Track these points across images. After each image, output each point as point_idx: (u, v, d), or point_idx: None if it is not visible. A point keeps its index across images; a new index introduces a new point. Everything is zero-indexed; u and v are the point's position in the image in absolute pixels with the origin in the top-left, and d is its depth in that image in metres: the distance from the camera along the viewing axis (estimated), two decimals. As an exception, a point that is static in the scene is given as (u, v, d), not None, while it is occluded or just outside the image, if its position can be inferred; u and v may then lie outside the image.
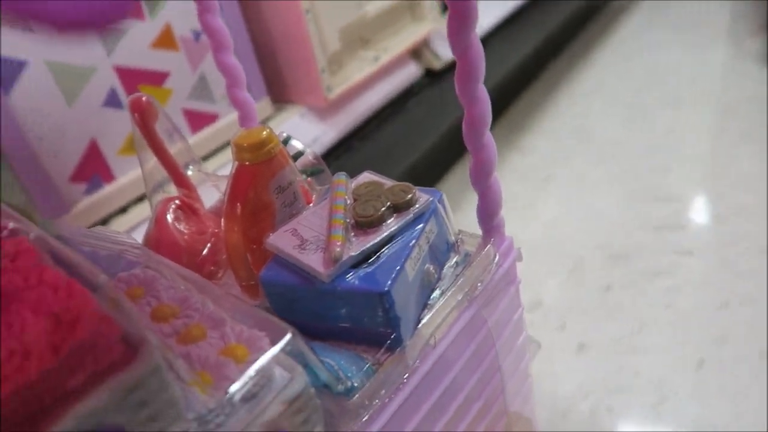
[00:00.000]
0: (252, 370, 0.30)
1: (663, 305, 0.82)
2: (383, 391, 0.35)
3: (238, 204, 0.42)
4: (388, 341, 0.36)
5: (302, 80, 0.82)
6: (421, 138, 1.01)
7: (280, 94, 0.85)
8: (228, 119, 0.78)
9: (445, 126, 1.06)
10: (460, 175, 1.10)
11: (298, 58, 0.80)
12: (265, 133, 0.42)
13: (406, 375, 0.36)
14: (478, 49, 0.37)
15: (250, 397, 0.30)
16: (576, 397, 0.72)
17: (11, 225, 0.26)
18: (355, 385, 0.34)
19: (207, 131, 0.76)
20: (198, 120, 0.76)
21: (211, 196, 0.52)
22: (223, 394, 0.29)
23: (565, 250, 0.93)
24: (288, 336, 0.30)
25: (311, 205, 0.44)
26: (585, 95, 1.39)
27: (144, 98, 0.45)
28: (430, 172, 1.03)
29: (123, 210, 0.70)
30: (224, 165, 0.75)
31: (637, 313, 0.81)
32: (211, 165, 0.76)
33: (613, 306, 0.83)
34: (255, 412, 0.30)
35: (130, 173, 0.69)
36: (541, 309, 0.84)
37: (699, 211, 0.99)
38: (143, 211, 0.69)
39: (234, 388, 0.29)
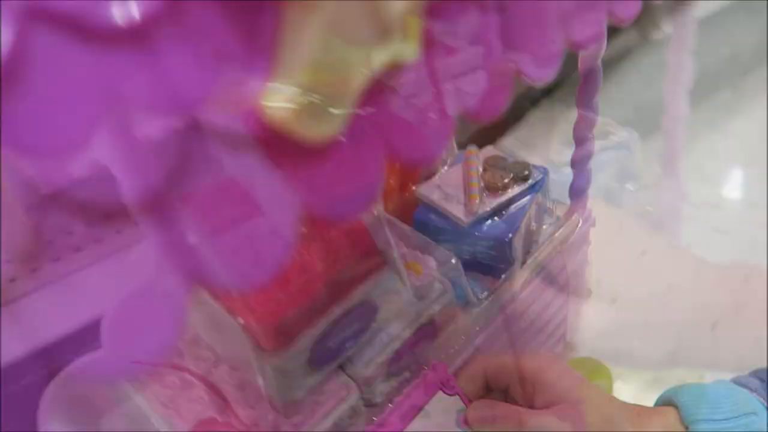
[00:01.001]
0: (426, 279, 0.45)
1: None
2: (498, 306, 0.51)
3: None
4: (504, 274, 0.52)
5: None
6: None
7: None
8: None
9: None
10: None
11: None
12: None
13: (514, 298, 0.52)
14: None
15: (421, 297, 0.46)
16: (604, 336, 0.88)
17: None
18: (482, 300, 0.50)
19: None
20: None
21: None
22: (410, 290, 0.45)
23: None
24: (453, 260, 0.45)
25: (446, 167, 0.59)
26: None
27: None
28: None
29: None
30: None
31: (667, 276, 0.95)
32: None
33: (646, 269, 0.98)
34: (424, 306, 0.46)
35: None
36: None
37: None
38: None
39: (417, 288, 0.45)
